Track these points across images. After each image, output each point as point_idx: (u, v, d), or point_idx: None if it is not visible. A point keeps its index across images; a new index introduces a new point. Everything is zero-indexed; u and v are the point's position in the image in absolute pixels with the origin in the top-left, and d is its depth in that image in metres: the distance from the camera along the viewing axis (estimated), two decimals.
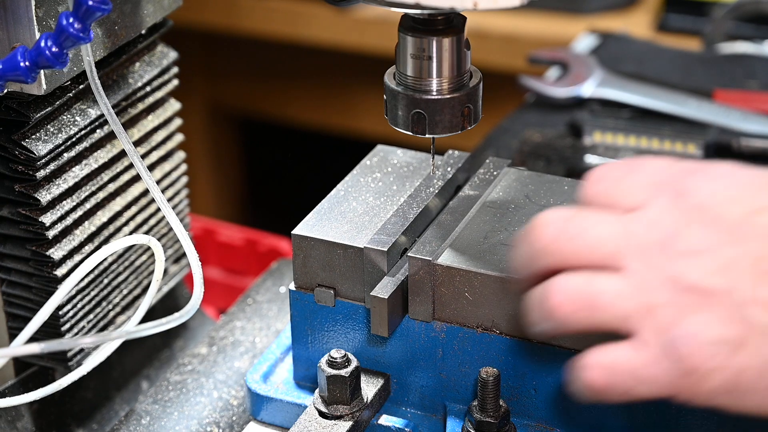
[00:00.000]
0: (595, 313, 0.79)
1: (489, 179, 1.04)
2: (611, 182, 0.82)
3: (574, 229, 0.81)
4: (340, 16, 2.45)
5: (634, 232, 0.79)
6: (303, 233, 0.98)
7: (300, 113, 2.83)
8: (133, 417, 1.05)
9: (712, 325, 0.76)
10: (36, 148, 0.97)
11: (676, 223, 0.78)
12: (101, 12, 0.83)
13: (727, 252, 0.76)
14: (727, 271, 0.76)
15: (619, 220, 0.80)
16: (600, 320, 0.79)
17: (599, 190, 0.83)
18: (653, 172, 0.81)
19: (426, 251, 0.94)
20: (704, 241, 0.77)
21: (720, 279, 0.76)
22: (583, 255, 0.80)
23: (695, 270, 0.77)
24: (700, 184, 0.78)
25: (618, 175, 0.82)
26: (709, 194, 0.78)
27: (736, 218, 0.77)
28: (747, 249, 0.76)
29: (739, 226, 0.77)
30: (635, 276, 0.78)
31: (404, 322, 0.97)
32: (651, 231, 0.78)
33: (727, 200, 0.78)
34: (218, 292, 1.52)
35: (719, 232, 0.77)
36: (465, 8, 0.85)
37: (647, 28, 2.23)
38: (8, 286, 1.04)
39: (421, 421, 1.00)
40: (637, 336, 0.78)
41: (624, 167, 0.82)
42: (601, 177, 0.83)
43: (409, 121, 0.95)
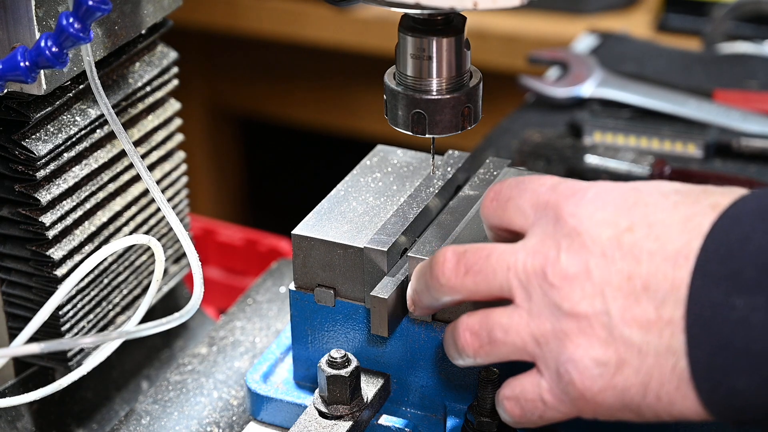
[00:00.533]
0: (496, 348, 0.83)
1: (489, 179, 1.04)
2: (502, 203, 0.85)
3: (466, 264, 0.84)
4: (340, 16, 2.45)
5: (519, 262, 0.82)
6: (303, 233, 0.98)
7: (300, 113, 2.83)
8: (133, 417, 1.05)
9: (591, 349, 0.78)
10: (36, 148, 0.97)
11: (556, 248, 0.80)
12: (101, 12, 0.83)
13: (598, 275, 0.79)
14: (600, 293, 0.78)
15: (507, 251, 0.83)
16: (502, 353, 0.83)
17: (493, 210, 0.86)
18: (538, 192, 0.83)
19: (426, 251, 0.94)
20: (578, 266, 0.79)
21: (594, 302, 0.78)
22: (477, 291, 0.84)
23: (571, 295, 0.79)
24: (573, 208, 0.81)
25: (507, 196, 0.85)
26: (582, 218, 0.80)
27: (606, 240, 0.79)
28: (617, 269, 0.78)
29: (609, 247, 0.79)
30: (523, 306, 0.82)
31: (404, 322, 0.97)
32: (533, 259, 0.81)
33: (597, 223, 0.80)
34: (218, 292, 1.52)
35: (591, 255, 0.79)
36: (465, 8, 0.85)
37: (647, 28, 2.24)
38: (8, 286, 1.04)
39: (421, 421, 1.00)
40: (537, 364, 0.82)
41: (515, 187, 0.85)
42: (494, 197, 0.86)
43: (409, 121, 0.95)
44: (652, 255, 0.77)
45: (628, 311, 0.78)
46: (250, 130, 3.06)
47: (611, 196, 0.81)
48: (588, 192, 0.81)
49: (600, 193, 0.81)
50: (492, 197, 0.86)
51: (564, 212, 0.81)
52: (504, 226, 0.85)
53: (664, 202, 0.79)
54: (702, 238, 0.76)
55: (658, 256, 0.77)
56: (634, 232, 0.79)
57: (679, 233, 0.77)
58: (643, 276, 0.77)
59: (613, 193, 0.81)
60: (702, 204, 0.78)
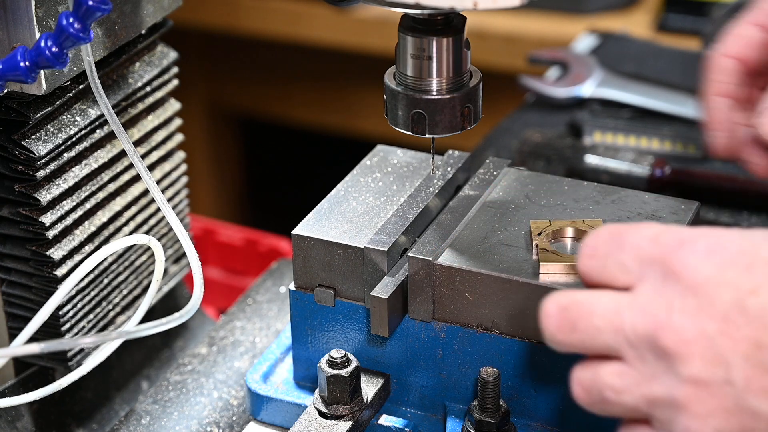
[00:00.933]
0: (608, 406, 0.79)
1: (489, 179, 1.04)
2: (600, 260, 0.80)
3: (570, 321, 0.80)
4: (340, 16, 2.45)
5: (628, 322, 0.77)
6: (303, 233, 0.98)
7: (300, 113, 2.83)
8: (133, 417, 1.05)
9: (712, 419, 0.74)
10: (36, 148, 0.97)
11: (668, 308, 0.75)
12: (101, 12, 0.83)
13: (721, 342, 0.73)
14: (724, 362, 0.73)
15: (612, 308, 0.78)
16: (615, 411, 0.79)
17: (592, 268, 0.81)
18: (640, 246, 0.78)
19: (426, 251, 0.94)
20: (696, 329, 0.74)
21: (716, 369, 0.74)
22: (585, 348, 0.80)
23: (690, 362, 0.74)
24: (687, 262, 0.75)
25: (606, 251, 0.80)
26: (696, 275, 0.75)
27: (727, 302, 0.74)
28: (741, 336, 0.73)
29: (732, 311, 0.74)
30: (634, 368, 0.77)
31: (404, 322, 0.97)
32: (644, 319, 0.76)
33: (715, 283, 0.74)
34: (218, 292, 1.52)
35: (711, 318, 0.74)
36: (465, 8, 0.85)
37: (647, 28, 2.23)
38: (8, 286, 1.04)
39: (421, 421, 1.00)
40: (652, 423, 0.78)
41: (611, 242, 0.80)
42: (591, 253, 0.81)
43: (409, 121, 0.95)
44: None
45: (758, 381, 0.73)
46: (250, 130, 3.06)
47: (726, 250, 0.75)
48: (697, 244, 0.76)
49: (712, 247, 0.76)
50: (589, 254, 0.81)
51: (674, 267, 0.75)
52: (605, 283, 0.80)
53: None
54: None
55: None
56: (760, 295, 0.73)
57: None
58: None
59: (728, 246, 0.76)
60: None
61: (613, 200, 1.01)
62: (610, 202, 1.01)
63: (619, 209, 1.00)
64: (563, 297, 0.81)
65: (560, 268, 0.92)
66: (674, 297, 0.75)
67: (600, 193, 1.02)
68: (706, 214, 1.26)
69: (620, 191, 1.02)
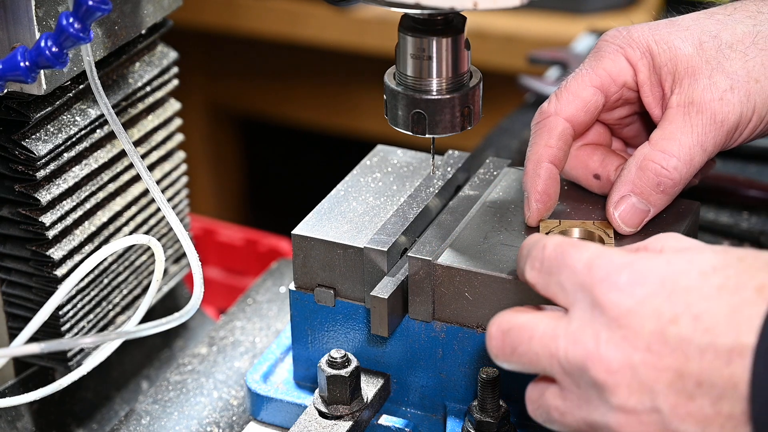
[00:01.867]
0: (555, 425, 0.82)
1: (489, 179, 1.04)
2: (544, 276, 0.82)
3: (510, 345, 0.82)
4: (340, 16, 2.45)
5: (562, 350, 0.79)
6: (303, 233, 0.98)
7: (300, 113, 2.83)
8: (133, 417, 1.05)
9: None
10: (36, 148, 0.97)
11: (596, 338, 0.77)
12: (101, 12, 0.83)
13: (645, 372, 0.76)
14: (649, 391, 0.76)
15: (549, 334, 0.80)
16: (563, 429, 0.82)
17: (536, 281, 0.83)
18: (576, 271, 0.80)
19: (426, 251, 0.94)
20: (622, 360, 0.76)
21: (643, 398, 0.76)
22: (525, 369, 0.82)
23: (618, 391, 0.77)
24: (609, 295, 0.77)
25: (549, 268, 0.82)
26: (621, 306, 0.77)
27: (650, 332, 0.76)
28: (665, 365, 0.75)
29: (654, 341, 0.76)
30: (572, 392, 0.80)
31: (404, 322, 0.97)
32: (575, 348, 0.78)
33: (639, 314, 0.76)
34: (218, 292, 1.52)
35: (636, 349, 0.76)
36: (465, 8, 0.85)
37: None
38: (8, 286, 1.04)
39: (421, 421, 1.00)
40: None
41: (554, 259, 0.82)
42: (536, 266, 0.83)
43: (409, 121, 0.95)
44: (703, 352, 0.74)
45: (682, 407, 0.75)
46: (250, 130, 3.06)
47: (647, 281, 0.77)
48: (621, 276, 0.78)
49: (635, 278, 0.77)
50: (536, 267, 0.83)
51: (600, 298, 0.78)
52: (547, 297, 0.83)
53: (705, 285, 0.76)
54: (755, 334, 0.73)
55: (709, 352, 0.74)
56: (679, 324, 0.75)
57: (729, 327, 0.74)
58: (694, 374, 0.74)
59: (650, 277, 0.77)
60: (748, 288, 0.75)
61: None
62: None
63: None
64: (505, 320, 0.83)
65: None
66: (601, 328, 0.78)
67: None
68: (706, 214, 1.26)
69: None
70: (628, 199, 0.95)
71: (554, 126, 0.97)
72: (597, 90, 0.97)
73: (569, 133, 0.98)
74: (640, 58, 0.97)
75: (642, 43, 0.97)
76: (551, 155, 0.97)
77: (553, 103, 0.98)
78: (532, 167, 0.97)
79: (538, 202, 0.97)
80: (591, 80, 0.98)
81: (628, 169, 0.96)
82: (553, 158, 0.97)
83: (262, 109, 2.88)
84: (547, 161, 0.97)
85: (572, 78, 0.98)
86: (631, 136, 1.04)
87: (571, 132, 0.98)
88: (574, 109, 0.97)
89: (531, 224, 0.98)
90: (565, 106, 0.98)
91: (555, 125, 0.97)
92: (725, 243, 1.23)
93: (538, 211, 0.97)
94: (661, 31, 0.97)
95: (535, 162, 0.97)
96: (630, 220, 0.96)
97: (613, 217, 0.96)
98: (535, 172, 0.97)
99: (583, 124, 0.98)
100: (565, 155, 0.98)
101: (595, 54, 0.99)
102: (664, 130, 0.95)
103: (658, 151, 0.94)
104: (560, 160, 0.98)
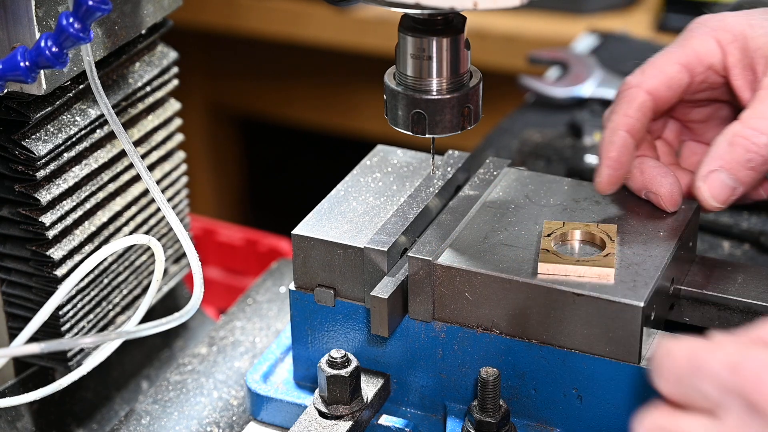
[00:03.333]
0: None
1: (489, 179, 1.04)
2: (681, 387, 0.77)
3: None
4: (340, 16, 2.45)
5: None
6: (303, 233, 0.98)
7: (300, 113, 2.84)
8: (133, 417, 1.05)
9: None
10: (36, 148, 0.97)
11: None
12: (101, 12, 0.83)
13: None
14: None
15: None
16: None
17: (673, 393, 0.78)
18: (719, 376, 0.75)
19: (426, 251, 0.94)
20: None
21: None
22: None
23: None
24: None
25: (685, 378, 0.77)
26: None
27: None
28: None
29: None
30: None
31: (404, 322, 0.97)
32: None
33: None
34: (218, 292, 1.52)
35: None
36: (465, 8, 0.85)
37: (647, 28, 2.23)
38: (8, 286, 1.04)
39: (421, 421, 1.00)
40: None
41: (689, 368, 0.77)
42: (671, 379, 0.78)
43: (409, 121, 0.95)
44: None
45: None
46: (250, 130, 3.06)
47: None
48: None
49: None
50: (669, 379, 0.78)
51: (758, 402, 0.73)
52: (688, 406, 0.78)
53: None
54: None
55: None
56: None
57: None
58: None
59: None
60: None
61: (613, 200, 1.01)
62: (610, 202, 1.01)
63: (619, 209, 1.00)
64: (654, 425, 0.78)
65: (558, 269, 0.92)
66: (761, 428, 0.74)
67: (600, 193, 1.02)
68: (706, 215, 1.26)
69: (620, 191, 1.02)
70: (718, 174, 0.96)
71: (635, 97, 0.99)
72: (682, 68, 0.99)
73: (648, 106, 0.99)
74: (731, 42, 0.98)
75: (736, 27, 0.98)
76: (628, 124, 0.98)
77: (638, 75, 1.00)
78: (608, 134, 0.99)
79: (609, 167, 0.98)
80: (678, 57, 0.99)
81: (718, 144, 0.96)
82: (630, 128, 0.98)
83: (262, 109, 2.88)
84: (623, 130, 0.98)
85: (660, 54, 0.99)
86: (698, 120, 1.05)
87: (650, 105, 0.99)
88: (657, 83, 0.99)
89: (600, 191, 0.99)
90: (649, 79, 0.99)
91: (635, 96, 0.99)
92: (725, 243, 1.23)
93: (609, 176, 0.98)
94: (757, 18, 0.98)
95: (612, 129, 0.99)
96: (718, 195, 0.96)
97: (701, 190, 0.96)
98: (610, 140, 0.98)
99: (664, 99, 0.99)
100: (642, 126, 0.99)
101: (686, 34, 1.00)
102: (755, 109, 0.96)
103: (748, 128, 0.95)
104: (637, 131, 0.99)
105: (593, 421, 0.93)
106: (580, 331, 0.91)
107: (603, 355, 0.91)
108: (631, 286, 0.91)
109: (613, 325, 0.90)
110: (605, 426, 0.93)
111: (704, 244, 1.23)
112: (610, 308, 0.90)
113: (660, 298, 0.94)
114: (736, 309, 0.98)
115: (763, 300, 0.98)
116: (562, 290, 0.91)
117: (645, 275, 0.92)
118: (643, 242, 0.96)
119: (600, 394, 0.92)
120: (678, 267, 0.98)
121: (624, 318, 0.89)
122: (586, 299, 0.90)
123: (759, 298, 0.98)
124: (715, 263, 1.03)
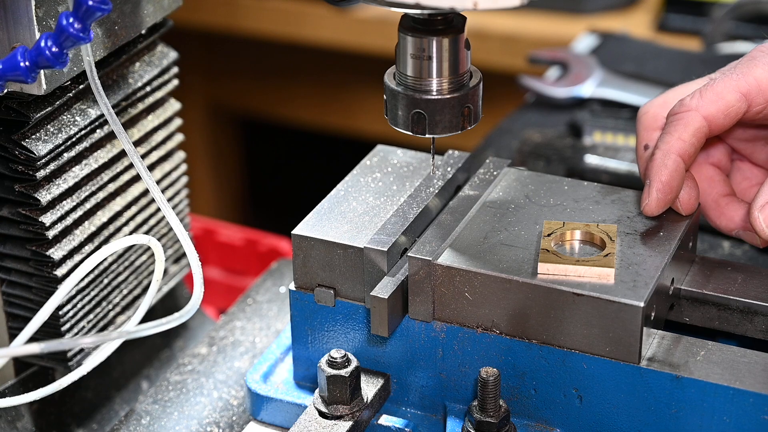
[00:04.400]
0: None
1: (489, 179, 1.04)
2: None
3: None
4: (340, 16, 2.45)
5: None
6: (303, 233, 0.98)
7: (300, 113, 2.84)
8: (133, 417, 1.05)
9: None
10: (36, 148, 0.97)
11: None
12: (101, 12, 0.83)
13: None
14: None
15: None
16: None
17: None
18: None
19: (426, 251, 0.94)
20: None
21: None
22: None
23: None
24: None
25: None
26: None
27: None
28: None
29: None
30: None
31: (404, 322, 0.97)
32: None
33: None
34: (218, 292, 1.52)
35: None
36: (465, 8, 0.85)
37: (647, 28, 2.23)
38: (8, 286, 1.04)
39: (421, 421, 1.00)
40: None
41: None
42: None
43: (409, 121, 0.95)
44: None
45: None
46: (250, 130, 3.06)
47: None
48: None
49: None
50: None
51: None
52: None
53: None
54: None
55: None
56: None
57: None
58: None
59: None
60: None
61: (613, 200, 1.01)
62: (610, 202, 1.01)
63: (619, 209, 1.00)
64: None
65: (558, 269, 0.92)
66: None
67: (600, 193, 1.03)
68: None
69: (620, 191, 1.02)
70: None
71: (691, 121, 0.97)
72: (742, 96, 0.97)
73: (704, 131, 0.97)
74: None
75: None
76: (682, 149, 0.97)
77: (696, 98, 0.97)
78: (661, 156, 0.97)
79: (659, 192, 0.97)
80: (738, 85, 0.97)
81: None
82: (683, 152, 0.97)
83: (262, 109, 2.88)
84: (677, 154, 0.97)
85: (720, 78, 0.97)
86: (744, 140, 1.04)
87: (706, 131, 0.97)
88: (715, 110, 0.97)
89: (647, 213, 0.98)
90: (707, 104, 0.97)
91: (692, 120, 0.97)
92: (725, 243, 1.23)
93: (658, 201, 0.97)
94: None
95: (665, 152, 0.97)
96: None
97: (758, 221, 0.95)
98: (663, 162, 0.97)
99: (720, 126, 0.98)
100: (695, 152, 0.98)
101: (749, 61, 0.98)
102: None
103: None
104: (690, 156, 0.97)
105: (593, 421, 0.93)
106: (580, 331, 0.91)
107: (603, 355, 0.91)
108: (631, 286, 0.91)
109: (613, 325, 0.90)
110: (605, 426, 0.93)
111: (704, 244, 1.23)
112: (610, 308, 0.90)
113: (660, 298, 0.94)
114: (736, 309, 0.99)
115: (763, 300, 0.98)
116: (562, 290, 0.91)
117: (645, 275, 0.92)
118: (643, 242, 0.96)
119: (600, 394, 0.92)
120: (678, 267, 0.98)
121: (624, 318, 0.89)
122: (586, 299, 0.90)
123: (759, 298, 0.98)
124: (715, 263, 1.03)
